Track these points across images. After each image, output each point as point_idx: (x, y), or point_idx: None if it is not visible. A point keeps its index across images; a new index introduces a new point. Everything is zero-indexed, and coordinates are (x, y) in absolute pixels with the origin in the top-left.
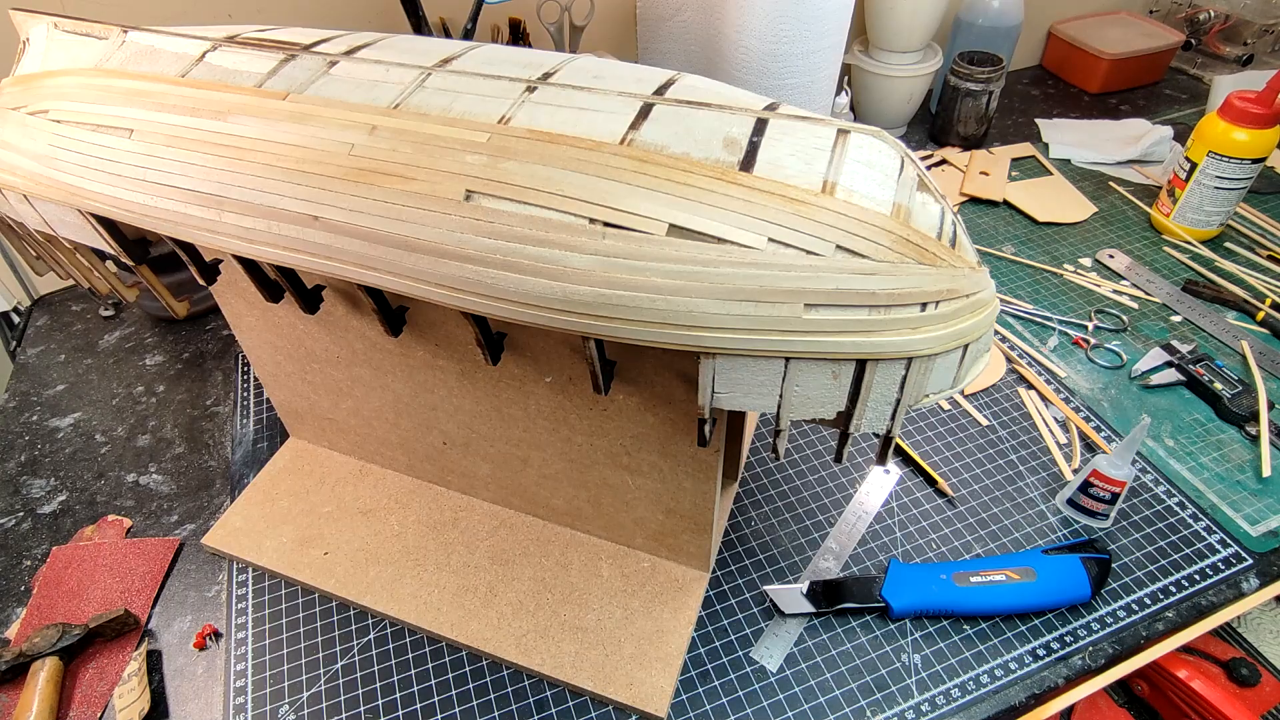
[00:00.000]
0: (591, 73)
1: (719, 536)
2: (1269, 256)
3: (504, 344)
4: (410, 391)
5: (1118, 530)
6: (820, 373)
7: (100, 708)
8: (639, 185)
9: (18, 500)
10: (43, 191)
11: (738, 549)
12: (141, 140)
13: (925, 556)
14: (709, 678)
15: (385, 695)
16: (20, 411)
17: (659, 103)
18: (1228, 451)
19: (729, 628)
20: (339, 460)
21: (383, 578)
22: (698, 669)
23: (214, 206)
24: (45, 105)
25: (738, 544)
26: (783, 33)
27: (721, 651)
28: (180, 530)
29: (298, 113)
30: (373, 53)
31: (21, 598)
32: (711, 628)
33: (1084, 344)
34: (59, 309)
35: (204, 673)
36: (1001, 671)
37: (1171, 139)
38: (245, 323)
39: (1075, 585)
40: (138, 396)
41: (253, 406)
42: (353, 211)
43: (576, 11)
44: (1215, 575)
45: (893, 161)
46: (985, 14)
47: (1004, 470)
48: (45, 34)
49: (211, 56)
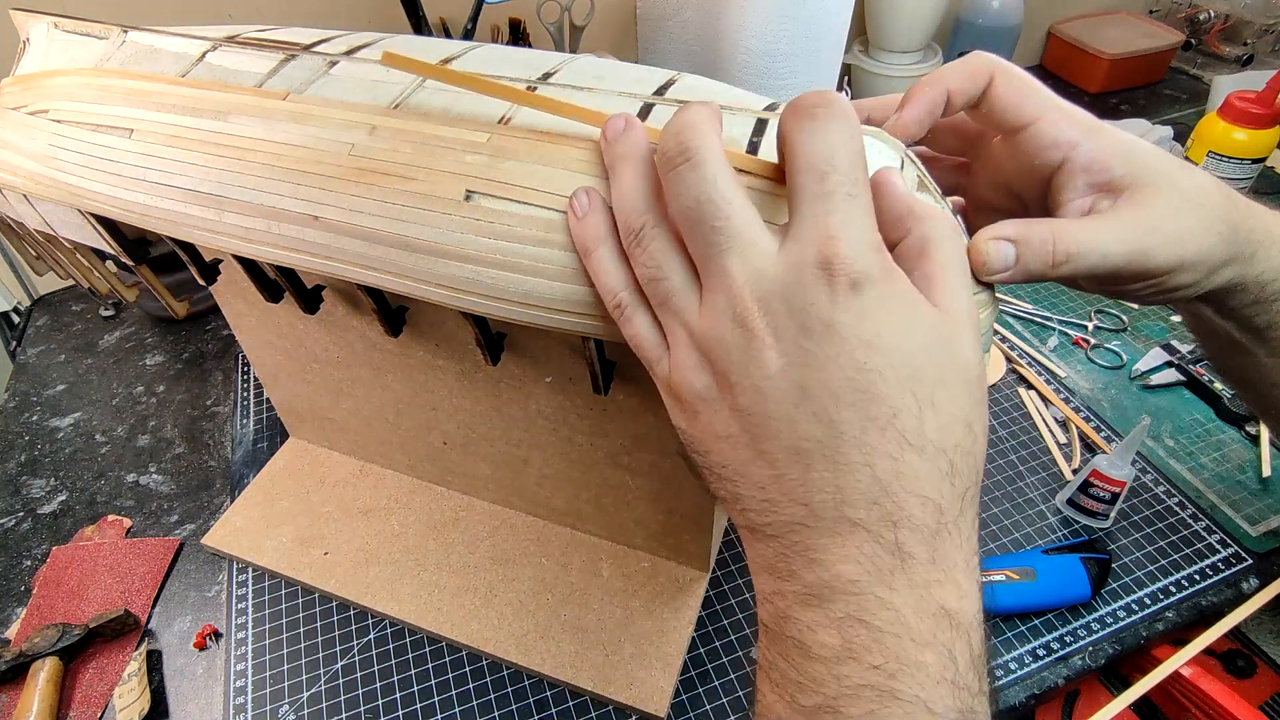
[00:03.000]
0: (591, 73)
1: (719, 536)
2: None
3: (504, 344)
4: (410, 391)
5: (1118, 530)
6: None
7: (100, 708)
8: None
9: (18, 500)
10: (43, 191)
11: (738, 549)
12: (142, 140)
13: None
14: (709, 678)
15: (385, 695)
16: (20, 411)
17: (659, 103)
18: (1228, 451)
19: (729, 628)
20: (339, 460)
21: (383, 578)
22: (698, 669)
23: (214, 206)
24: (45, 105)
25: (738, 544)
26: (783, 33)
27: (721, 651)
28: (180, 530)
29: (298, 113)
30: (373, 53)
31: (21, 598)
32: (711, 628)
33: (1084, 344)
34: (59, 309)
35: (204, 673)
36: (1001, 671)
37: (1171, 139)
38: (245, 323)
39: (1075, 585)
40: (138, 396)
41: (253, 406)
42: (353, 211)
43: (576, 11)
44: (1215, 575)
45: (893, 162)
46: (985, 14)
47: (1004, 470)
48: (45, 34)
49: (212, 56)
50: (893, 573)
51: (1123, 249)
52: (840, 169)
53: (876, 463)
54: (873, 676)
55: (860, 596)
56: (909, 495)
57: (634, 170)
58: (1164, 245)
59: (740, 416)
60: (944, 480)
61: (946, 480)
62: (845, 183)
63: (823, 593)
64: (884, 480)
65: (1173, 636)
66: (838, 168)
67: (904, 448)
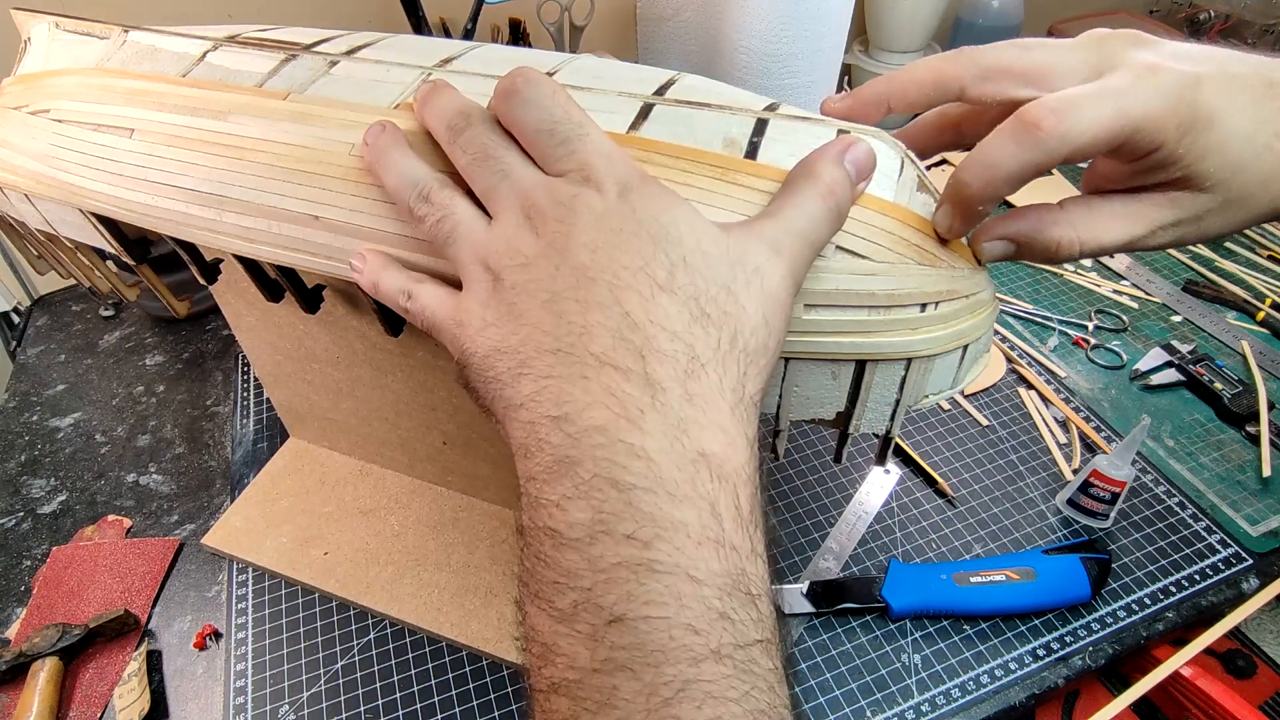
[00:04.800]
0: (591, 73)
1: None
2: (1269, 256)
3: None
4: (410, 391)
5: (1118, 530)
6: (820, 373)
7: (100, 708)
8: None
9: (18, 500)
10: (44, 191)
11: None
12: (143, 140)
13: (925, 556)
14: None
15: (385, 695)
16: (20, 411)
17: (659, 103)
18: (1228, 451)
19: None
20: (339, 460)
21: (383, 578)
22: None
23: (215, 206)
24: (47, 105)
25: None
26: (783, 33)
27: None
28: (180, 530)
29: (298, 112)
30: (373, 53)
31: (21, 598)
32: None
33: (1084, 344)
34: (59, 309)
35: (204, 673)
36: (1001, 671)
37: None
38: (245, 323)
39: (1075, 585)
40: (138, 396)
41: (253, 406)
42: (353, 211)
43: (576, 11)
44: (1215, 575)
45: (892, 162)
46: (985, 14)
47: (1004, 470)
48: (46, 34)
49: (212, 56)
50: (642, 411)
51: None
52: (560, 119)
53: (626, 298)
54: (627, 550)
55: (609, 446)
56: (658, 329)
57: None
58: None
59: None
60: (695, 324)
61: (698, 324)
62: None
63: (570, 454)
64: (634, 315)
65: (1173, 636)
66: (557, 119)
67: (654, 289)
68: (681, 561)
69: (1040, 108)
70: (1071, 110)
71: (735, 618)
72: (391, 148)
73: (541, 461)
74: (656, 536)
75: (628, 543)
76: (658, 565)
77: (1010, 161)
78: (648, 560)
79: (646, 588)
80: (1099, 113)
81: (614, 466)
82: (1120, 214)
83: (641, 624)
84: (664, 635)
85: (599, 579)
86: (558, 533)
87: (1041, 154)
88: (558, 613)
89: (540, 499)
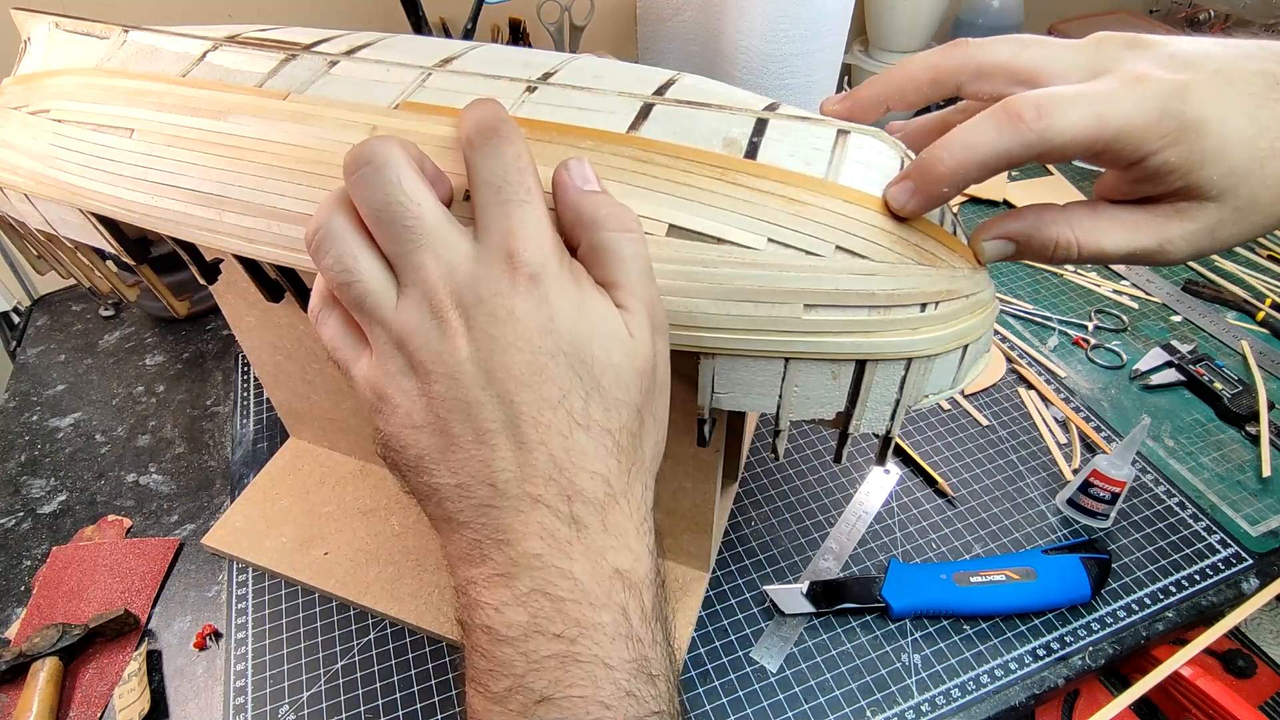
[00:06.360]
0: (591, 73)
1: (719, 536)
2: (1269, 256)
3: None
4: None
5: (1118, 530)
6: (820, 373)
7: (100, 708)
8: (638, 185)
9: (18, 500)
10: (44, 191)
11: (738, 549)
12: (143, 140)
13: (925, 556)
14: (709, 678)
15: (385, 695)
16: (20, 411)
17: (659, 103)
18: (1228, 451)
19: (729, 628)
20: (339, 460)
21: (383, 578)
22: (698, 669)
23: (215, 206)
24: (46, 105)
25: (738, 544)
26: (783, 33)
27: (721, 651)
28: (180, 530)
29: (299, 112)
30: (373, 53)
31: (21, 598)
32: (711, 628)
33: (1084, 344)
34: (59, 309)
35: (204, 673)
36: (1001, 671)
37: None
38: (245, 323)
39: (1075, 585)
40: (138, 396)
41: (253, 406)
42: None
43: (576, 11)
44: (1215, 575)
45: (892, 162)
46: (985, 14)
47: (1004, 470)
48: (46, 33)
49: (212, 56)
50: (570, 543)
51: (1087, 110)
52: (511, 182)
53: (550, 440)
54: (556, 645)
55: (544, 570)
56: (579, 470)
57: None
58: (1119, 113)
59: (435, 404)
60: (610, 457)
61: (613, 457)
62: (519, 191)
63: (511, 570)
64: (558, 457)
65: (1173, 636)
66: (509, 181)
67: (573, 426)
68: (599, 653)
69: (1024, 100)
70: (1053, 108)
71: (639, 694)
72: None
73: (484, 572)
74: (581, 635)
75: (557, 640)
76: (580, 657)
77: (986, 146)
78: (573, 653)
79: (570, 674)
80: (1078, 116)
81: (548, 584)
82: (1125, 222)
83: (565, 701)
84: (583, 710)
85: (531, 668)
86: (494, 630)
87: (1019, 145)
88: (492, 695)
89: (479, 601)
